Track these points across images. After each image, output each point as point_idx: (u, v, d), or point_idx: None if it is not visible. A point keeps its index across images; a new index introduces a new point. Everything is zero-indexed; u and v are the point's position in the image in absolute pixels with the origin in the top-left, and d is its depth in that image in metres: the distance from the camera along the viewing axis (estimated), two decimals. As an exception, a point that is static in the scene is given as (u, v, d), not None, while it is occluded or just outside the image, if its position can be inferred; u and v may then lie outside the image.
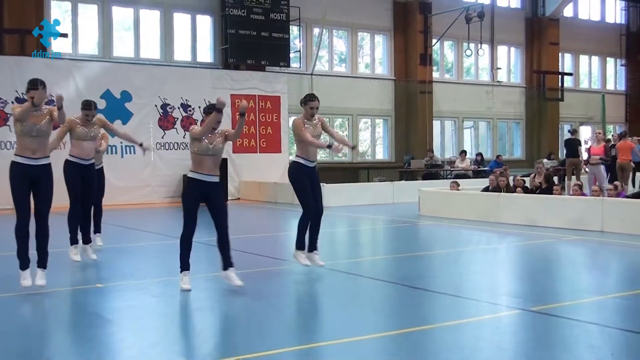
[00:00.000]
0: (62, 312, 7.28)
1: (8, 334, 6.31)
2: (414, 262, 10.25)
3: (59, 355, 5.64)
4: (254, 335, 6.07)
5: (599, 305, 7.25)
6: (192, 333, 6.33)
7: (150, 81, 21.21)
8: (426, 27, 27.52)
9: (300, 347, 5.68)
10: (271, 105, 23.34)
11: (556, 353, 5.55)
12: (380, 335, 6.06)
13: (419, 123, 27.45)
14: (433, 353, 5.58)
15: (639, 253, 10.91)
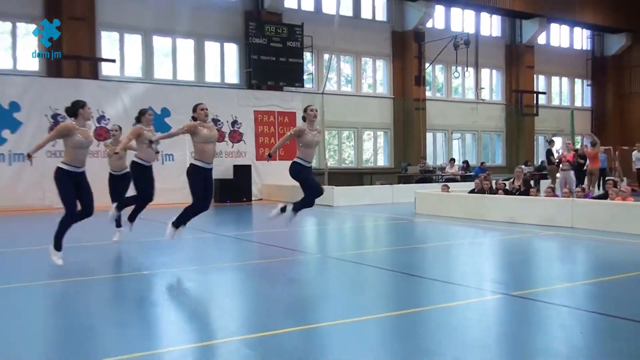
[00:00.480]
0: (115, 295, 7.32)
1: (72, 313, 6.35)
2: (410, 254, 10.25)
3: (114, 332, 5.66)
4: (274, 315, 6.08)
5: (570, 291, 7.22)
6: (224, 313, 6.34)
7: (185, 99, 21.18)
8: (420, 53, 27.55)
9: (310, 326, 5.68)
10: (288, 119, 23.36)
11: (533, 331, 5.53)
12: (381, 316, 6.06)
13: (414, 135, 27.46)
14: (427, 331, 5.57)
15: (603, 246, 10.86)
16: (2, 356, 4.81)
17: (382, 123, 27.60)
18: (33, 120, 18.62)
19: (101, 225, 10.85)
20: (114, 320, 6.09)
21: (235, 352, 4.99)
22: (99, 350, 5.05)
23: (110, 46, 21.53)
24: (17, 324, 5.87)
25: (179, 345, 5.17)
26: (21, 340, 5.39)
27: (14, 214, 17.03)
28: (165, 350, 5.03)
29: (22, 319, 6.06)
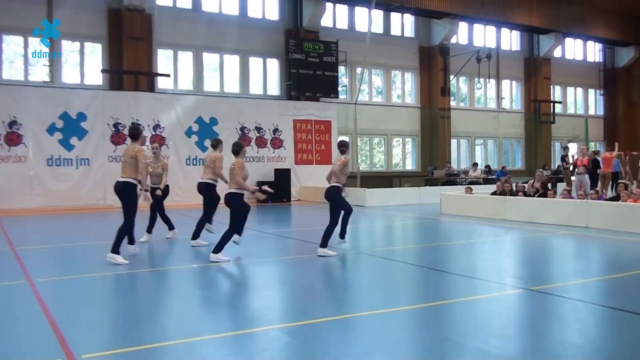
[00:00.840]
0: (168, 286, 7.42)
1: (133, 301, 6.46)
2: (436, 250, 10.17)
3: (169, 319, 5.74)
4: (311, 305, 6.10)
5: (584, 286, 7.10)
6: (265, 303, 6.38)
7: (231, 110, 21.45)
8: (445, 66, 27.34)
9: (345, 316, 5.68)
10: (324, 127, 23.40)
11: (551, 324, 5.45)
12: (409, 308, 6.03)
13: (439, 141, 27.25)
14: (452, 322, 5.53)
15: (616, 245, 10.64)
16: (73, 337, 4.92)
17: (410, 130, 27.46)
18: (97, 129, 18.98)
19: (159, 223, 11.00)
20: (168, 308, 6.18)
21: (276, 339, 5.02)
22: (156, 335, 5.13)
23: (165, 62, 21.84)
24: (86, 309, 6.00)
25: (225, 332, 5.22)
26: (89, 324, 5.51)
27: (79, 213, 17.38)
28: (212, 337, 5.09)
29: (91, 305, 6.19)
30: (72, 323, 5.50)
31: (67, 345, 4.77)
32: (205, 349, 4.80)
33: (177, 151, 20.23)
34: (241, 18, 22.85)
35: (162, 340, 4.98)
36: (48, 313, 5.75)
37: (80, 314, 5.87)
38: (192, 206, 19.16)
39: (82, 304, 6.31)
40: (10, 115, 17.79)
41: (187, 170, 20.26)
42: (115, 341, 5.06)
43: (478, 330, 5.22)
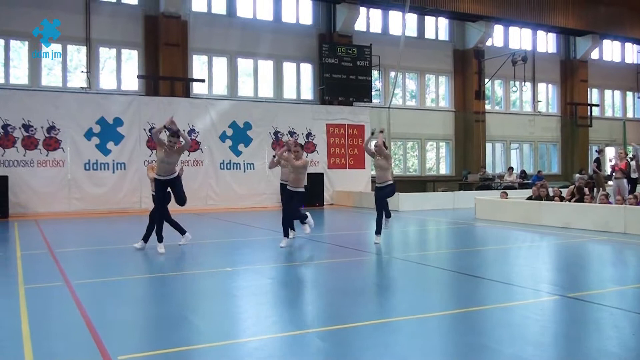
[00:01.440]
0: (202, 289, 7.48)
1: (167, 304, 6.53)
2: (471, 256, 10.07)
3: (203, 322, 5.79)
4: (346, 310, 6.08)
5: (622, 294, 6.93)
6: (299, 307, 6.39)
7: (265, 114, 21.57)
8: (480, 69, 27.07)
9: (378, 321, 5.66)
10: (357, 132, 23.35)
11: (588, 331, 5.34)
12: (444, 313, 5.97)
13: (474, 145, 26.97)
14: (487, 329, 5.46)
15: (657, 251, 10.39)
16: (109, 338, 5.00)
17: (444, 134, 27.25)
18: (133, 134, 19.27)
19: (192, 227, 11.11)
20: (203, 311, 6.24)
21: (310, 343, 5.02)
22: (190, 338, 5.19)
23: (200, 68, 22.09)
24: (122, 311, 6.09)
25: (259, 336, 5.25)
26: (125, 326, 5.60)
27: (115, 216, 17.67)
28: (246, 340, 5.12)
29: (127, 307, 6.28)
30: (108, 324, 5.59)
31: (103, 346, 4.85)
32: (239, 352, 4.82)
33: (212, 155, 20.42)
34: (275, 23, 23.00)
35: (196, 343, 5.03)
36: (85, 314, 5.85)
37: (116, 316, 5.96)
38: (226, 210, 19.36)
39: (118, 305, 6.41)
40: (48, 120, 18.19)
41: (221, 174, 20.44)
42: (150, 343, 5.12)
43: (514, 337, 5.15)
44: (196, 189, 19.84)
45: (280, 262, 9.16)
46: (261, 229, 14.45)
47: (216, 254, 10.35)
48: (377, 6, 24.68)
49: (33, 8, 18.94)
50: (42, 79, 19.67)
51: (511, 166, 26.70)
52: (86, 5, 19.84)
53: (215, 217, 16.77)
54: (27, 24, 18.44)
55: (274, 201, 21.17)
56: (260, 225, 15.25)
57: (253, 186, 21.00)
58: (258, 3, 22.78)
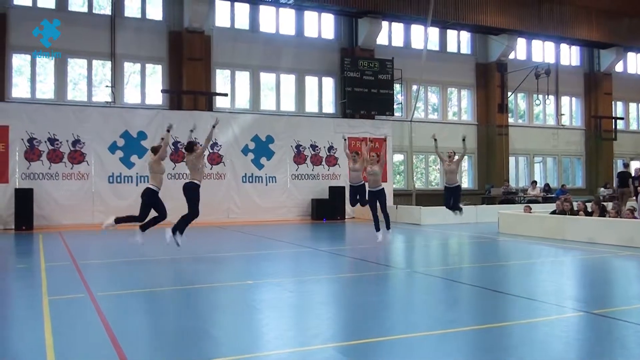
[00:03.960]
0: (223, 302, 7.48)
1: (187, 317, 6.55)
2: (494, 270, 9.96)
3: (223, 335, 5.80)
4: (367, 324, 6.03)
5: (652, 310, 6.80)
6: (319, 321, 6.36)
7: (287, 128, 21.64)
8: (503, 82, 26.94)
9: (399, 337, 5.61)
10: (379, 145, 23.25)
11: (613, 349, 5.24)
12: (467, 329, 5.90)
13: (497, 159, 26.78)
14: (510, 346, 5.39)
15: (686, 267, 10.18)
16: (131, 351, 5.02)
17: (467, 148, 26.99)
18: (157, 147, 19.42)
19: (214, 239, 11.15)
20: (224, 324, 6.24)
21: (330, 358, 4.99)
22: (209, 351, 5.19)
23: (223, 82, 22.29)
24: (145, 324, 6.12)
25: (279, 350, 5.23)
26: (147, 339, 5.62)
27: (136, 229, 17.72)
28: (267, 354, 5.10)
29: (150, 320, 6.31)
30: (130, 336, 5.62)
31: (125, 359, 4.87)
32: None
33: (234, 169, 20.52)
34: (297, 38, 23.15)
35: (217, 356, 5.02)
36: (107, 326, 5.89)
37: (139, 329, 5.99)
38: (248, 223, 19.42)
39: (140, 318, 6.44)
40: (74, 134, 18.46)
41: (243, 188, 20.51)
42: (171, 356, 5.13)
43: (537, 354, 5.06)
44: (218, 201, 19.96)
45: (301, 276, 9.14)
46: (282, 241, 14.45)
47: (237, 266, 10.38)
48: (399, 20, 24.72)
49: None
50: (68, 94, 19.99)
51: (535, 180, 26.45)
52: (112, 21, 20.17)
53: (237, 230, 16.82)
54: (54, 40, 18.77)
55: (295, 214, 21.20)
56: (282, 238, 15.25)
57: (275, 199, 21.05)
58: (281, 18, 22.97)
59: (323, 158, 22.23)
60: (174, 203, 13.90)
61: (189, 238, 10.56)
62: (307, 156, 21.91)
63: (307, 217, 21.23)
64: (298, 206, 21.46)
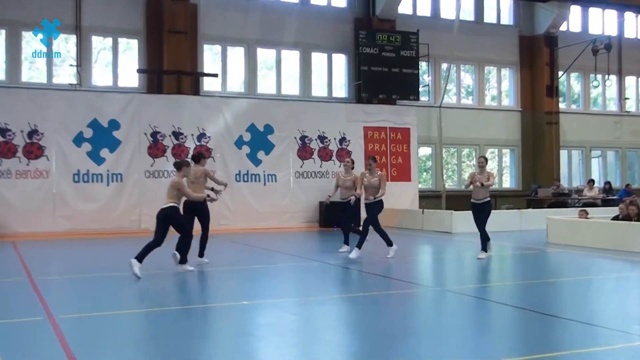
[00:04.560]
0: (212, 327, 7.44)
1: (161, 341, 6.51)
2: (542, 289, 9.89)
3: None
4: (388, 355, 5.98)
5: None
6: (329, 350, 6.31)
7: (290, 115, 21.62)
8: (552, 59, 26.84)
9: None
10: (401, 136, 23.27)
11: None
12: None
13: (545, 153, 26.71)
14: (564, 380, 5.32)
15: None
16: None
17: (508, 139, 27.00)
18: (132, 139, 19.47)
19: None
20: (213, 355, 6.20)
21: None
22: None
23: (212, 60, 22.31)
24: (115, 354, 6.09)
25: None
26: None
27: (109, 238, 17.78)
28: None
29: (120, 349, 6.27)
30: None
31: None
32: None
33: (225, 165, 20.50)
34: (302, 6, 23.12)
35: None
36: (71, 356, 5.85)
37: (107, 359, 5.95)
38: (242, 230, 19.38)
39: (111, 346, 6.40)
40: (30, 123, 18.43)
41: (237, 188, 20.44)
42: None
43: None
44: (206, 205, 19.93)
45: (306, 296, 9.10)
46: (284, 254, 14.41)
47: (230, 284, 10.34)
48: (425, -16, 24.70)
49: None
50: (23, 75, 20.05)
51: (592, 178, 26.32)
52: (77, -14, 20.21)
53: (229, 240, 16.80)
54: (5, 9, 18.83)
55: (299, 220, 21.17)
56: (283, 249, 15.22)
57: (275, 202, 21.02)
58: (281, -19, 22.99)
59: (333, 152, 22.20)
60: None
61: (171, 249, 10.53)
62: (314, 150, 21.88)
63: (315, 224, 21.18)
64: (303, 211, 21.42)
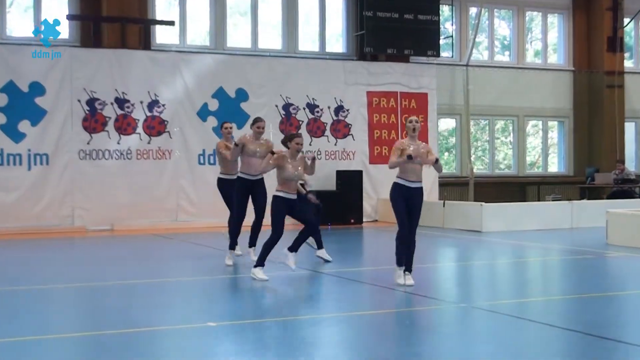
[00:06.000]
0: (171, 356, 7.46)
1: None
2: (601, 305, 9.92)
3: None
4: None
5: None
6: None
7: (270, 77, 21.55)
8: (616, 3, 26.81)
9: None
10: (416, 104, 23.25)
11: None
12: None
13: (605, 126, 26.71)
14: None
15: None
16: None
17: (555, 109, 27.01)
18: (61, 108, 19.37)
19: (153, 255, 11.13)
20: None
21: None
22: None
23: (167, 4, 22.19)
24: None
25: None
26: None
27: (32, 238, 17.71)
28: None
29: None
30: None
31: None
32: None
33: (185, 142, 20.45)
34: None
35: None
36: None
37: None
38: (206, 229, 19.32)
39: None
40: None
41: (200, 172, 20.41)
42: None
43: None
44: (160, 195, 19.93)
45: (291, 314, 9.11)
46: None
47: (192, 300, 10.35)
48: None
49: None
50: None
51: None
52: None
53: (190, 241, 16.80)
54: None
55: (283, 215, 21.11)
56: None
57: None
58: None
59: (327, 125, 22.18)
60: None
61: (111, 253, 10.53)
62: (302, 122, 21.85)
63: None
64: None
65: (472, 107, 24.93)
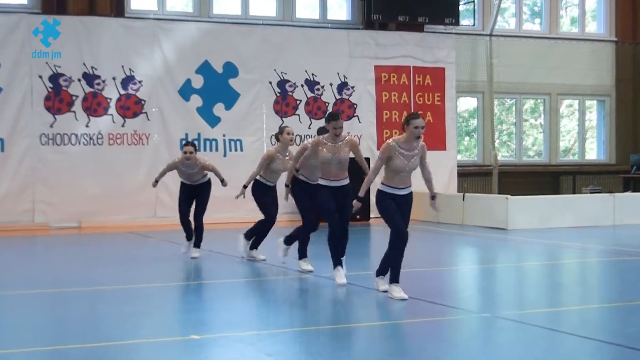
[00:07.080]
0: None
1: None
2: (645, 315, 9.96)
3: None
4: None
5: None
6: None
7: (263, 49, 21.55)
8: (665, -37, 26.90)
9: None
10: (432, 80, 23.26)
11: None
12: None
13: (652, 106, 26.82)
14: None
15: None
16: None
17: (595, 86, 27.01)
18: (19, 86, 19.45)
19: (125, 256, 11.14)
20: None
21: None
22: None
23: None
24: None
25: None
26: None
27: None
28: None
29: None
30: None
31: None
32: None
33: (165, 125, 20.46)
34: None
35: None
36: None
37: None
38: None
39: None
40: None
41: (182, 160, 20.47)
42: None
43: None
44: (136, 187, 19.90)
45: (287, 325, 9.12)
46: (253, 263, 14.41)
47: (172, 309, 10.38)
48: None
49: None
50: None
51: None
52: None
53: (170, 239, 16.83)
54: None
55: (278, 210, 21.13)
56: (253, 254, 15.24)
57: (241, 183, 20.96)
58: None
59: (329, 105, 22.20)
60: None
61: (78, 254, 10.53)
62: (300, 101, 21.86)
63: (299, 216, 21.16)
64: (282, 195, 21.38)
65: (496, 85, 24.92)
